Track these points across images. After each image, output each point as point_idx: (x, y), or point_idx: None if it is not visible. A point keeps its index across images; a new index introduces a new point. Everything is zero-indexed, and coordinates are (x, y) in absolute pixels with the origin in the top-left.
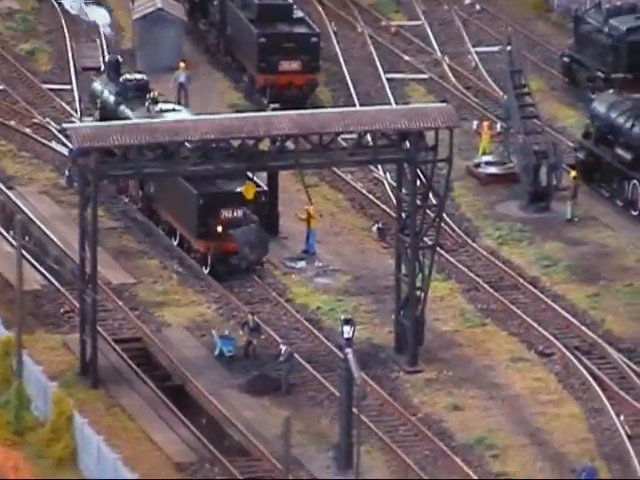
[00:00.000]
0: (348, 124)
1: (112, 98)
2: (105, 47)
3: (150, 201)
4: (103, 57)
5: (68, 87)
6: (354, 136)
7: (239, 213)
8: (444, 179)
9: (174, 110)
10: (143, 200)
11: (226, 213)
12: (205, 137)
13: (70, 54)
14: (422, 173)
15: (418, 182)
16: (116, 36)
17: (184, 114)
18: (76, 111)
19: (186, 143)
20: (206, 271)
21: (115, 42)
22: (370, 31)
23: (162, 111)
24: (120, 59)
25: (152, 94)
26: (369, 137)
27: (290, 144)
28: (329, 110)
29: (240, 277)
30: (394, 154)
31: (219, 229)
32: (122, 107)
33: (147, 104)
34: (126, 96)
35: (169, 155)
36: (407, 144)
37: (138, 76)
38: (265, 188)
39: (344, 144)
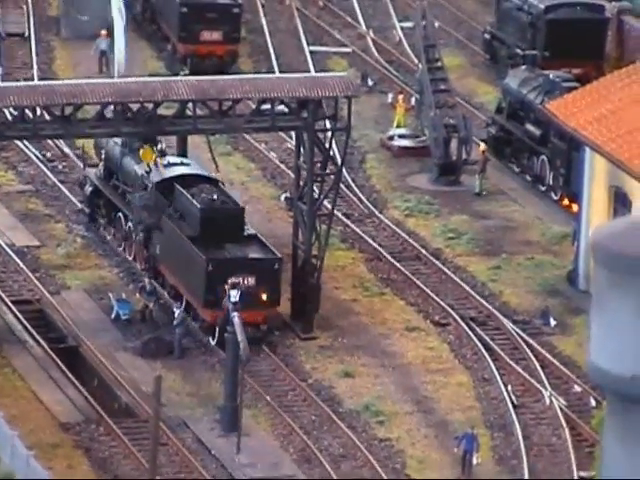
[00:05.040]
0: (247, 91)
1: (117, 149)
2: (31, 14)
3: (155, 262)
4: (28, 23)
5: None
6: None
7: (251, 281)
8: (344, 148)
9: (182, 164)
10: (148, 260)
11: (236, 281)
12: (103, 101)
13: None
14: (323, 142)
15: (318, 151)
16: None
17: (192, 168)
18: None
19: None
20: (213, 342)
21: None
22: (298, 4)
23: (170, 164)
24: None
25: (159, 146)
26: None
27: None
28: (229, 77)
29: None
30: (292, 122)
31: None
32: (127, 159)
33: (154, 156)
34: (132, 147)
35: (67, 118)
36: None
37: None
38: (279, 255)
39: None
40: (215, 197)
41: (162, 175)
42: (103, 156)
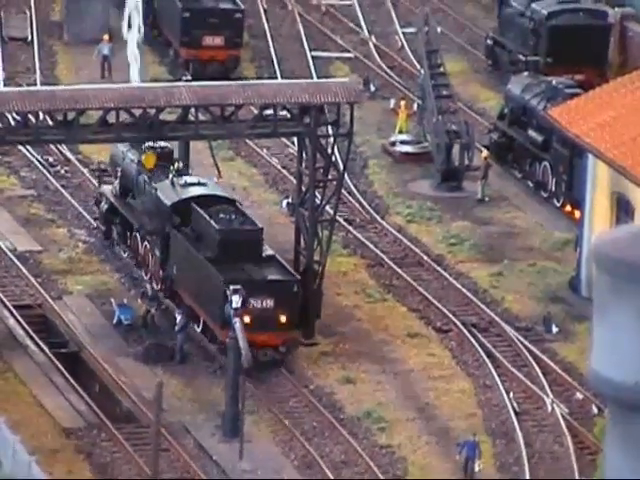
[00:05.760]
0: (249, 96)
1: (134, 167)
2: (34, 18)
3: (172, 283)
4: (31, 28)
5: None
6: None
7: (269, 303)
8: (346, 154)
9: (199, 184)
10: (164, 281)
11: (255, 303)
12: (105, 106)
13: None
14: (325, 148)
15: (320, 156)
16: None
17: (209, 189)
18: None
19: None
20: None
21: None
22: (300, 9)
23: (187, 184)
24: None
25: (176, 165)
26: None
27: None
28: (231, 82)
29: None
30: (294, 128)
31: (247, 320)
32: (143, 177)
33: (171, 176)
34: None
35: (69, 123)
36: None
37: (162, 144)
38: (297, 277)
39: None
40: (233, 218)
41: (179, 195)
42: (119, 173)
